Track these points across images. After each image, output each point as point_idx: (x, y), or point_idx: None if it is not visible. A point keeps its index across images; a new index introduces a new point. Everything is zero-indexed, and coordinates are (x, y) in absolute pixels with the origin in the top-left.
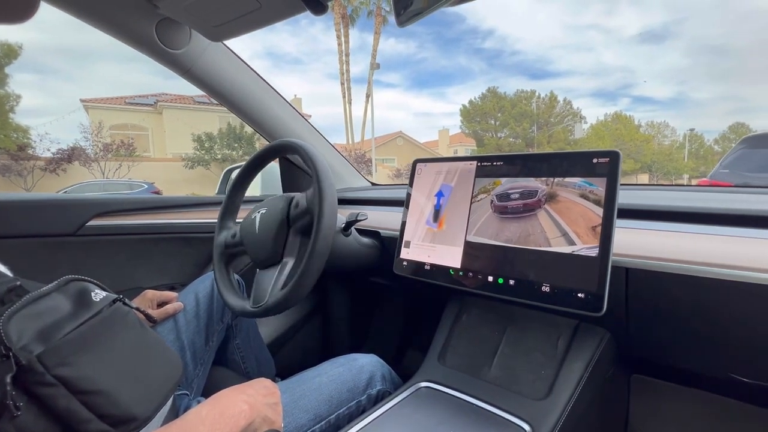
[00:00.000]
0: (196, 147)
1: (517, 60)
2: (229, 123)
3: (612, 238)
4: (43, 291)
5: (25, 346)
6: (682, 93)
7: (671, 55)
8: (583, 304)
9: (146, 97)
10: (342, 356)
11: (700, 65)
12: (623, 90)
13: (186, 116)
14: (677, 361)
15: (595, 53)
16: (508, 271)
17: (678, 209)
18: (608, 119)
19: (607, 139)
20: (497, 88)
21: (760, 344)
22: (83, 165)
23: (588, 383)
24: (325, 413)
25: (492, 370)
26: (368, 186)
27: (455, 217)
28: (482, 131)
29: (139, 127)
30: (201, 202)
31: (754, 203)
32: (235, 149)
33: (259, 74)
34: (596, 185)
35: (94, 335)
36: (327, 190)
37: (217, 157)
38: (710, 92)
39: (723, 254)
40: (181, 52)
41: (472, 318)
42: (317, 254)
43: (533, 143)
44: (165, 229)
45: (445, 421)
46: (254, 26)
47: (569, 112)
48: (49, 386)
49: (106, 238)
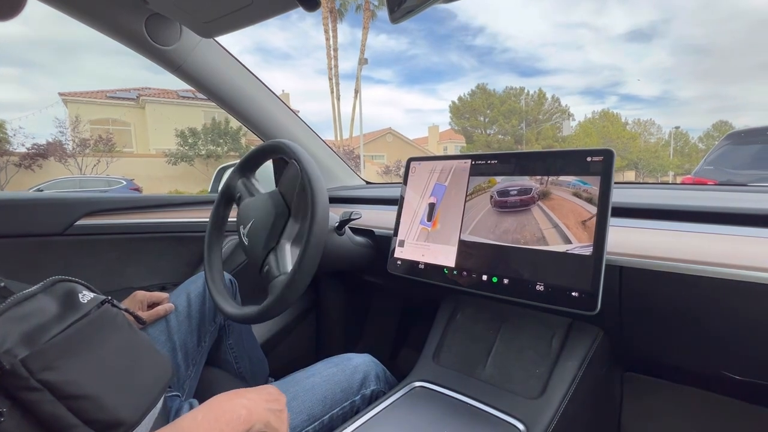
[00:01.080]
0: (179, 142)
1: (507, 57)
2: (214, 118)
3: (606, 237)
4: (28, 292)
5: (9, 349)
6: (667, 91)
7: (658, 54)
8: (577, 303)
9: (128, 91)
10: (336, 356)
11: (685, 64)
12: (611, 88)
13: (170, 111)
14: (670, 359)
15: (584, 51)
16: (503, 270)
17: (672, 208)
18: (596, 117)
19: (595, 137)
20: (486, 85)
21: (752, 342)
22: (59, 161)
23: (582, 381)
24: (318, 414)
25: (486, 369)
26: (362, 184)
27: (449, 216)
28: (471, 128)
29: (121, 122)
30: (193, 201)
31: (747, 202)
32: (220, 145)
33: (250, 71)
34: (590, 184)
35: (80, 338)
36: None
37: (201, 153)
38: (695, 91)
39: (716, 253)
40: (172, 49)
41: (466, 317)
42: (308, 259)
43: (522, 140)
44: (156, 229)
45: (440, 420)
46: (246, 23)
47: (557, 109)
48: (33, 391)
49: (95, 238)
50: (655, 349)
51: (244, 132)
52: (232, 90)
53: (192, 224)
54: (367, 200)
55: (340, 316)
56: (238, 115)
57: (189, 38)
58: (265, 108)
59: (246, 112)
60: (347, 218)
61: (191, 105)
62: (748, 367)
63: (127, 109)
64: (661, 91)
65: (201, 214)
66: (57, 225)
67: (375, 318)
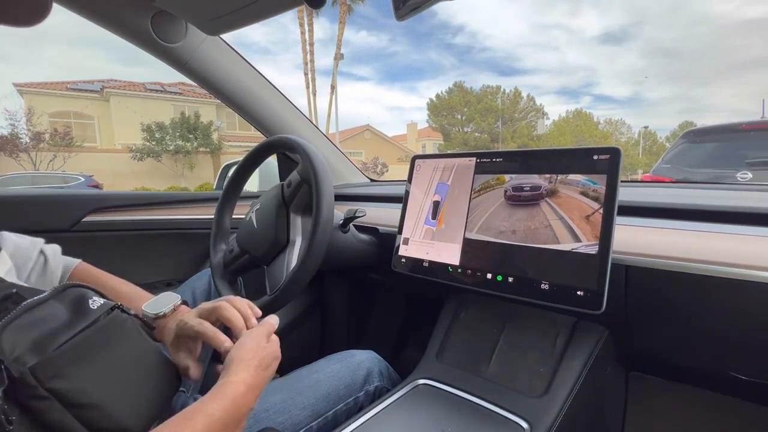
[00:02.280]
0: (145, 137)
1: (486, 56)
2: (183, 112)
3: (612, 236)
4: (39, 299)
5: (18, 357)
6: (638, 93)
7: (629, 56)
8: (582, 302)
9: (92, 83)
10: (340, 352)
11: (654, 66)
12: (585, 88)
13: (136, 104)
14: (675, 359)
15: (560, 52)
16: (507, 268)
17: (679, 207)
18: (570, 116)
19: (569, 135)
20: (464, 83)
21: (759, 342)
22: (10, 156)
23: (586, 381)
24: (322, 410)
25: (490, 368)
26: (367, 182)
27: (454, 214)
28: (449, 125)
29: (84, 116)
30: (198, 197)
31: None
32: (190, 140)
33: (256, 68)
34: (597, 182)
35: (89, 345)
36: (324, 189)
37: (170, 149)
38: (663, 92)
39: (722, 252)
40: (178, 46)
41: (470, 315)
42: (314, 252)
43: (498, 138)
44: (162, 225)
45: (443, 418)
46: (251, 20)
47: (532, 108)
48: (42, 400)
49: (102, 234)
50: (661, 349)
51: (215, 128)
52: (238, 87)
53: (197, 221)
54: (371, 198)
55: (345, 313)
56: (244, 113)
57: (194, 36)
58: (270, 105)
59: (251, 109)
60: (352, 216)
61: (160, 98)
62: (755, 367)
63: (89, 102)
64: (633, 92)
65: (206, 211)
66: (64, 221)
67: (379, 315)
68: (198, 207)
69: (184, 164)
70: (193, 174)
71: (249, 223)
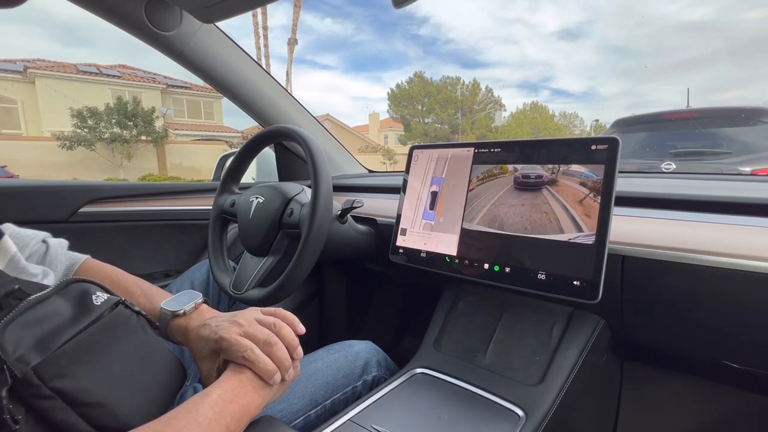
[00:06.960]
0: (75, 124)
1: (450, 48)
2: (120, 98)
3: (609, 226)
4: (42, 295)
5: (21, 356)
6: (592, 87)
7: (584, 53)
8: (579, 292)
9: (13, 62)
10: (338, 342)
11: (606, 63)
12: (544, 82)
13: (67, 88)
14: (671, 348)
15: (520, 46)
16: (504, 258)
17: (674, 197)
18: (527, 108)
19: (525, 127)
20: (424, 73)
21: (753, 332)
22: None
23: (581, 369)
24: (320, 398)
25: (487, 357)
26: (365, 173)
27: (452, 205)
28: (410, 116)
29: (4, 98)
30: (196, 188)
31: (747, 191)
32: (128, 128)
33: (252, 57)
34: (595, 173)
35: (93, 343)
36: (322, 179)
37: (105, 137)
38: (614, 88)
39: (718, 242)
40: (172, 34)
41: (467, 305)
42: (312, 243)
43: (458, 129)
44: (160, 216)
45: (440, 406)
46: (246, 7)
47: (491, 99)
48: (46, 399)
49: (99, 225)
50: (656, 338)
51: (158, 116)
52: (234, 77)
53: (195, 212)
54: (369, 188)
55: (343, 303)
56: (240, 102)
57: (189, 24)
58: (266, 95)
59: (248, 98)
60: (349, 206)
61: (96, 82)
62: (748, 356)
63: (10, 84)
64: (587, 87)
65: (204, 201)
66: (61, 212)
67: (377, 306)
68: (196, 198)
69: (122, 153)
70: (132, 164)
71: (248, 206)
